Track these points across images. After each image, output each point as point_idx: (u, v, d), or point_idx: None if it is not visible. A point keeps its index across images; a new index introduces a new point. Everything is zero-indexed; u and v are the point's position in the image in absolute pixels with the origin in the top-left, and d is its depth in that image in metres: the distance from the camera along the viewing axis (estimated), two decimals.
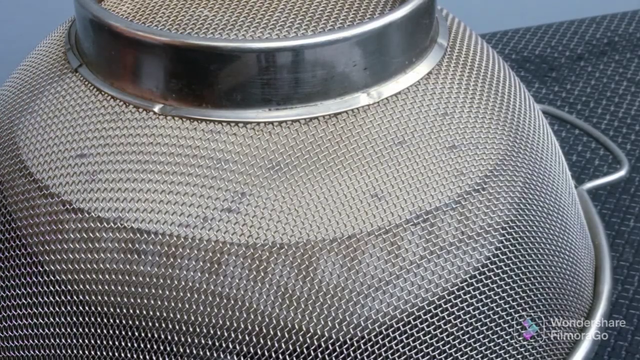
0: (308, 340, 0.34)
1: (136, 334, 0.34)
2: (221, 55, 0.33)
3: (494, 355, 0.37)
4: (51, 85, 0.38)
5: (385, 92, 0.36)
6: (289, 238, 0.33)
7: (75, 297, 0.35)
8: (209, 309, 0.34)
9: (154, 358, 0.34)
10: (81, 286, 0.35)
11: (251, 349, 0.34)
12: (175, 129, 0.34)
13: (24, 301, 0.36)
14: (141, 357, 0.34)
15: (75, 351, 0.35)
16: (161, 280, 0.34)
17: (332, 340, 0.34)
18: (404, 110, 0.36)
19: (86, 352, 0.35)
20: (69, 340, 0.35)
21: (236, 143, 0.34)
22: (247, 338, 0.34)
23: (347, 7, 0.38)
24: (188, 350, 0.34)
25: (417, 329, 0.35)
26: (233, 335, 0.34)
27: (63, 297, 0.35)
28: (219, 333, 0.34)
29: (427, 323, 0.35)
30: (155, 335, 0.34)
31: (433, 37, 0.38)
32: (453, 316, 0.36)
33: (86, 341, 0.35)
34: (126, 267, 0.34)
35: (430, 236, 0.35)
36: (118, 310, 0.35)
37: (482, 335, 0.36)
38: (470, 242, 0.36)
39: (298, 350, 0.34)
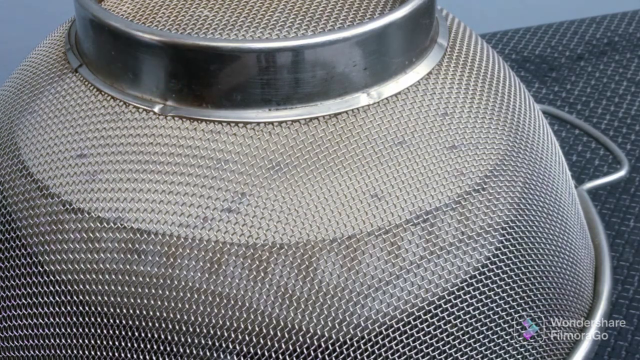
0: (308, 340, 0.34)
1: (136, 334, 0.34)
2: (221, 55, 0.33)
3: (494, 355, 0.37)
4: (51, 85, 0.38)
5: (385, 92, 0.36)
6: (289, 238, 0.33)
7: (75, 297, 0.35)
8: (209, 309, 0.34)
9: (154, 358, 0.34)
10: (81, 286, 0.35)
11: (251, 349, 0.34)
12: (175, 129, 0.34)
13: (24, 301, 0.36)
14: (141, 357, 0.34)
15: (75, 351, 0.35)
16: (161, 280, 0.34)
17: (332, 341, 0.34)
18: (404, 110, 0.36)
19: (86, 352, 0.35)
20: (69, 340, 0.35)
21: (236, 143, 0.34)
22: (247, 338, 0.34)
23: (347, 7, 0.38)
24: (188, 350, 0.34)
25: (417, 329, 0.35)
26: (233, 335, 0.34)
27: (63, 297, 0.35)
28: (219, 333, 0.34)
29: (427, 323, 0.35)
30: (155, 335, 0.34)
31: (433, 37, 0.38)
32: (453, 316, 0.36)
33: (86, 341, 0.35)
34: (126, 267, 0.34)
35: (430, 236, 0.35)
36: (118, 310, 0.35)
37: (482, 335, 0.36)
38: (470, 242, 0.36)
39: (298, 350, 0.34)
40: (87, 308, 0.35)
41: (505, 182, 0.37)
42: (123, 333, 0.35)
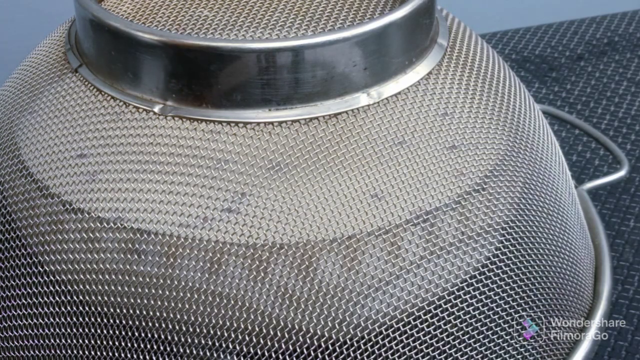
0: (308, 341, 0.34)
1: (136, 334, 0.34)
2: (221, 55, 0.33)
3: (494, 355, 0.37)
4: (51, 86, 0.38)
5: (385, 92, 0.36)
6: (289, 238, 0.33)
7: (75, 297, 0.35)
8: (209, 309, 0.34)
9: (154, 358, 0.34)
10: (81, 286, 0.35)
11: (251, 349, 0.34)
12: (175, 129, 0.34)
13: (24, 301, 0.36)
14: (141, 357, 0.34)
15: (75, 351, 0.35)
16: (161, 280, 0.34)
17: (332, 341, 0.34)
18: (404, 110, 0.36)
19: (86, 352, 0.35)
20: (69, 341, 0.35)
21: (236, 143, 0.34)
22: (247, 338, 0.34)
23: (347, 7, 0.38)
24: (188, 350, 0.34)
25: (417, 329, 0.35)
26: (233, 335, 0.34)
27: (63, 297, 0.35)
28: (219, 333, 0.34)
29: (427, 323, 0.35)
30: (155, 335, 0.34)
31: (433, 37, 0.38)
32: (453, 316, 0.36)
33: (86, 341, 0.35)
34: (126, 267, 0.34)
35: (430, 236, 0.35)
36: (118, 310, 0.35)
37: (482, 335, 0.36)
38: (470, 242, 0.36)
39: (298, 350, 0.34)
40: (87, 308, 0.35)
41: (505, 182, 0.37)
42: (123, 333, 0.35)
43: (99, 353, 0.35)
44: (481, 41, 0.42)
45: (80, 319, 0.35)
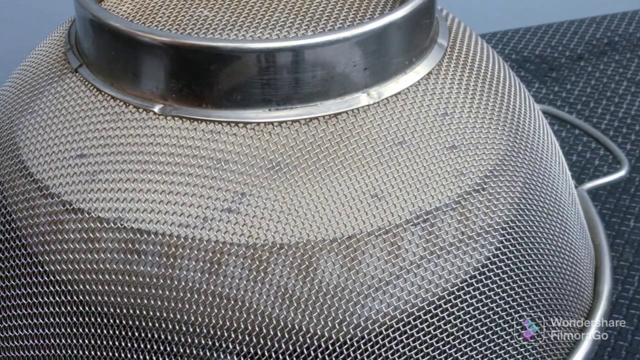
0: (308, 341, 0.34)
1: (136, 334, 0.34)
2: (221, 56, 0.33)
3: (494, 355, 0.37)
4: (51, 86, 0.38)
5: (385, 92, 0.36)
6: (289, 238, 0.33)
7: (75, 297, 0.35)
8: (209, 309, 0.34)
9: (153, 358, 0.34)
10: (81, 286, 0.35)
11: (251, 349, 0.34)
12: (175, 129, 0.34)
13: (24, 301, 0.36)
14: (141, 357, 0.34)
15: (75, 351, 0.35)
16: (161, 281, 0.34)
17: (332, 341, 0.34)
18: (404, 110, 0.36)
19: (86, 352, 0.35)
20: (68, 340, 0.35)
21: (236, 143, 0.34)
22: (247, 338, 0.34)
23: (347, 7, 0.38)
24: (188, 351, 0.34)
25: (417, 329, 0.35)
26: (233, 336, 0.34)
27: (63, 297, 0.35)
28: (219, 333, 0.34)
29: (427, 323, 0.35)
30: (155, 335, 0.34)
31: (433, 37, 0.38)
32: (453, 316, 0.36)
33: (86, 341, 0.35)
34: (126, 267, 0.34)
35: (430, 236, 0.35)
36: (118, 310, 0.35)
37: (482, 335, 0.36)
38: (470, 242, 0.36)
39: (298, 350, 0.34)
40: (87, 308, 0.35)
41: (505, 182, 0.37)
42: (123, 333, 0.35)
43: (99, 353, 0.35)
44: (481, 41, 0.42)
45: (80, 319, 0.35)
